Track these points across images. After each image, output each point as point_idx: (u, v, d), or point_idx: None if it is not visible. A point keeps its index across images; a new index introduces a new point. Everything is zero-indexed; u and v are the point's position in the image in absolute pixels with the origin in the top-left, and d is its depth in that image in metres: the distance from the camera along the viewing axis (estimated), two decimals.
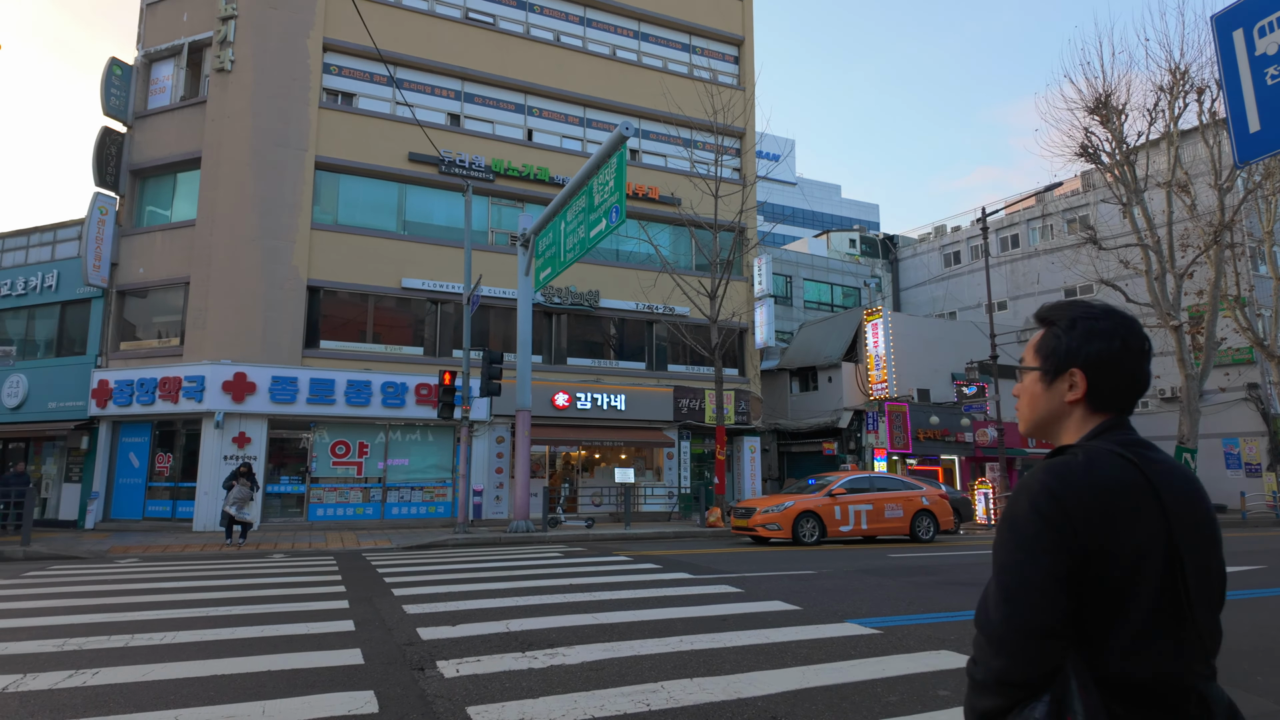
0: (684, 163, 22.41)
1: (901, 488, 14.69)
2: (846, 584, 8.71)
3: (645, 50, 24.01)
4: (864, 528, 13.91)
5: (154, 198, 20.03)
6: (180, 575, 9.44)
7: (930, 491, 14.79)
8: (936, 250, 39.76)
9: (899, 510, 14.12)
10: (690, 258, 23.56)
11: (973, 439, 24.54)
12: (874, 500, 14.06)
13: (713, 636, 5.67)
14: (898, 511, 14.10)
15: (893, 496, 14.27)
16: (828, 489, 14.05)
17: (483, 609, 6.81)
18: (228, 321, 17.91)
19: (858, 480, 14.66)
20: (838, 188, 71.90)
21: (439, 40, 20.95)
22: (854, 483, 14.45)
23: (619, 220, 11.70)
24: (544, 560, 11.15)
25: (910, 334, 25.57)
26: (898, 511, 14.10)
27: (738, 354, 23.87)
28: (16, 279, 20.57)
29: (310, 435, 18.46)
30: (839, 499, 13.80)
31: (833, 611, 6.85)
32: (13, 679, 4.44)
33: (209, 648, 5.28)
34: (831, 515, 13.64)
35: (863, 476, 15.03)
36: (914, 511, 14.25)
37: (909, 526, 14.19)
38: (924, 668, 4.90)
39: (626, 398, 21.19)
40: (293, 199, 18.82)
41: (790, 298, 32.59)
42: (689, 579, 8.93)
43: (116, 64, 19.37)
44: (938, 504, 14.59)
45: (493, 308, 20.40)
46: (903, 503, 14.22)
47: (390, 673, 4.68)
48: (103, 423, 18.47)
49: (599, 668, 4.80)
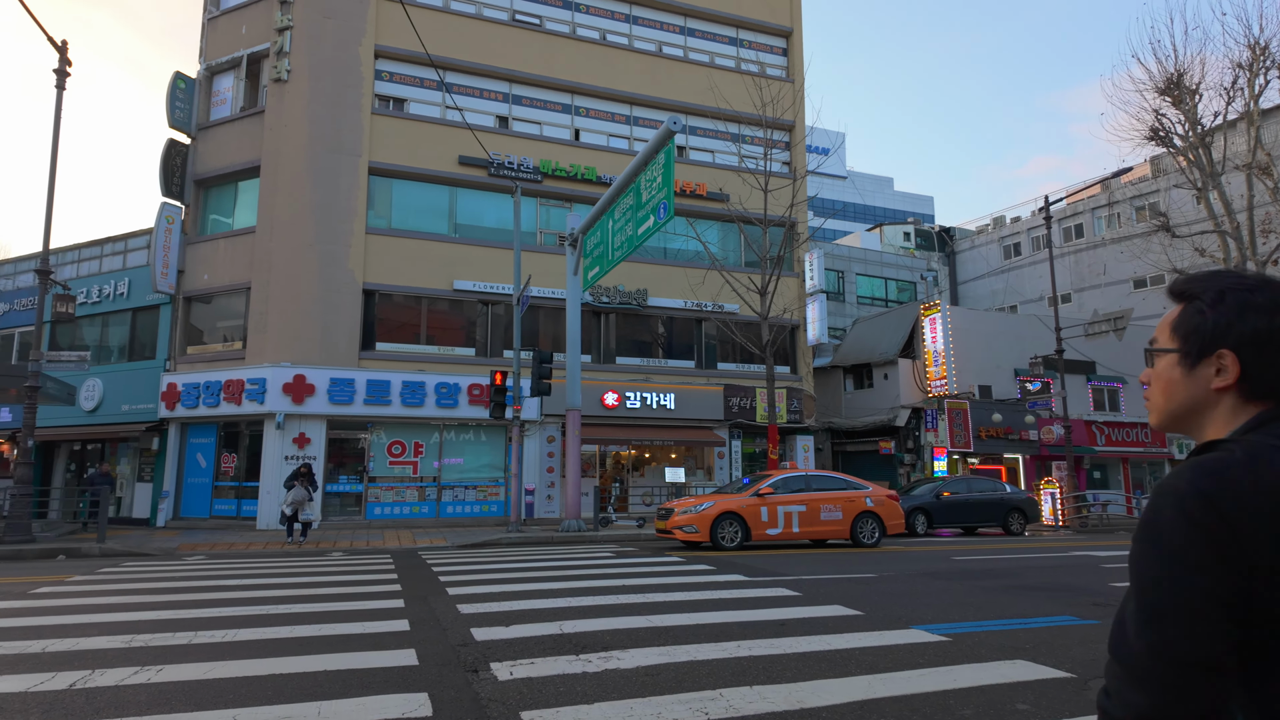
0: (732, 158, 22.13)
1: (843, 487, 13.56)
2: (909, 588, 8.39)
3: (691, 45, 23.80)
4: (795, 531, 12.86)
5: (217, 206, 20.71)
6: (243, 573, 9.66)
7: (876, 492, 13.69)
8: (995, 242, 38.49)
9: (837, 512, 13.08)
10: (739, 254, 23.26)
11: (1037, 437, 23.62)
12: (808, 501, 13.00)
13: (772, 642, 5.48)
14: (835, 514, 13.07)
15: (831, 497, 13.21)
16: (755, 488, 13.10)
17: (536, 609, 6.74)
18: (287, 325, 18.38)
19: (792, 479, 13.56)
20: (890, 180, 70.32)
21: (486, 43, 21.13)
22: (787, 482, 13.38)
23: (667, 216, 11.55)
24: (596, 560, 11.07)
25: (970, 328, 24.75)
26: (835, 514, 13.07)
27: (789, 351, 23.47)
28: (92, 287, 21.52)
29: (367, 435, 18.82)
30: (767, 499, 12.80)
31: (897, 617, 6.57)
32: (81, 675, 4.53)
33: (268, 646, 5.33)
34: (756, 517, 12.66)
35: (799, 475, 13.79)
36: (855, 514, 13.20)
37: (849, 530, 13.15)
38: (998, 678, 4.62)
39: (676, 396, 21.03)
40: (348, 204, 19.22)
41: (843, 293, 31.96)
42: (744, 581, 8.72)
43: (180, 78, 20.09)
44: (884, 505, 13.48)
45: (542, 308, 20.48)
46: (842, 504, 13.17)
47: (444, 674, 4.63)
48: (172, 424, 19.17)
49: (655, 673, 4.66)
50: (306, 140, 19.09)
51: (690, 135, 23.10)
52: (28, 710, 3.90)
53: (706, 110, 21.93)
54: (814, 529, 12.97)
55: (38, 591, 7.96)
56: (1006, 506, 18.13)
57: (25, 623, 6.19)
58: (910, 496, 17.77)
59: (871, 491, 13.58)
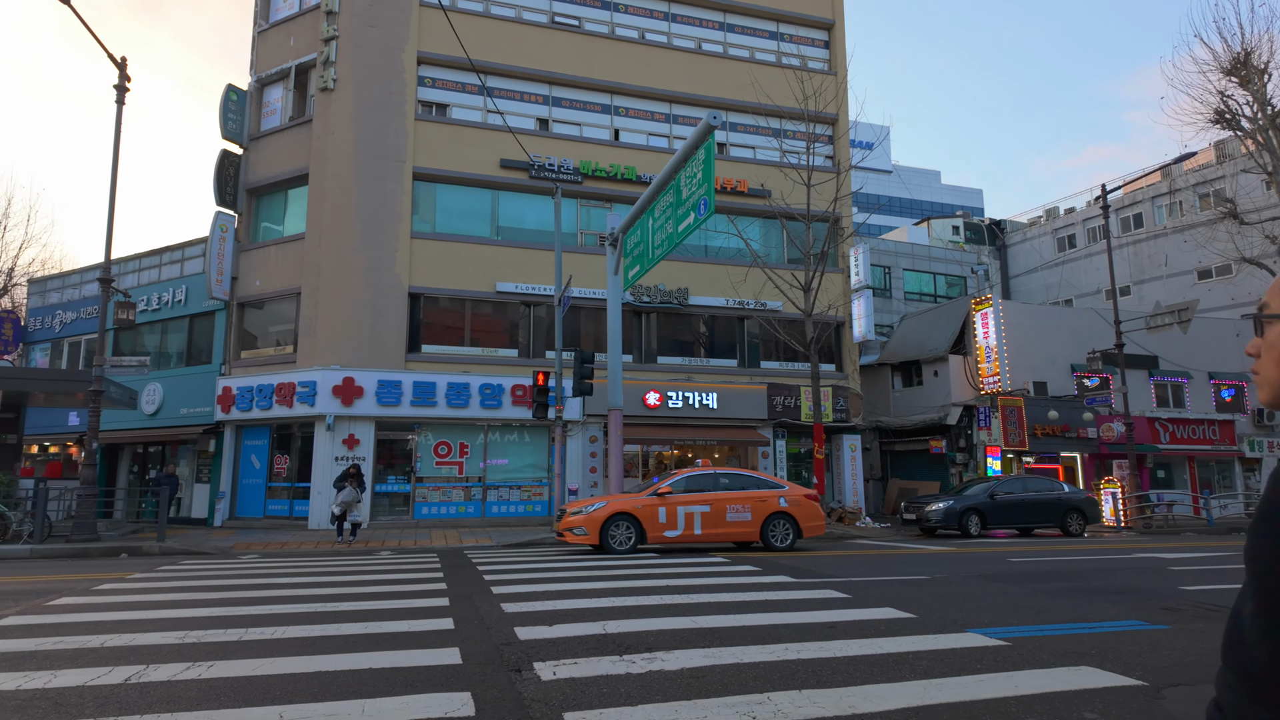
0: (773, 153, 21.84)
1: (755, 486, 12.75)
2: (965, 590, 8.10)
3: (731, 41, 23.59)
4: (697, 533, 12.10)
5: (268, 214, 21.27)
6: (294, 571, 9.84)
7: (793, 492, 12.81)
8: (1049, 234, 37.30)
9: (745, 513, 12.28)
10: (782, 250, 22.95)
11: (1096, 435, 22.75)
12: (713, 501, 12.23)
13: (820, 645, 5.32)
14: (744, 514, 12.27)
15: (739, 497, 12.39)
16: (655, 488, 12.40)
17: (579, 609, 6.69)
18: (336, 329, 18.75)
19: (700, 477, 12.76)
20: (937, 173, 68.78)
21: (526, 46, 21.27)
22: (692, 481, 12.60)
23: (707, 213, 11.40)
24: (639, 560, 10.99)
25: (1023, 323, 23.98)
26: (744, 514, 12.27)
27: (834, 349, 23.05)
28: (151, 295, 22.32)
29: (414, 436, 19.10)
30: (667, 499, 12.05)
31: (952, 620, 6.33)
32: (136, 670, 4.63)
33: (316, 643, 5.38)
34: (653, 518, 11.91)
35: (707, 473, 12.94)
36: (766, 514, 12.37)
37: (759, 532, 12.34)
38: (1063, 685, 4.39)
39: (718, 396, 20.83)
40: (393, 209, 19.53)
41: (889, 289, 31.31)
42: (791, 582, 8.54)
43: (232, 90, 20.68)
44: (801, 506, 12.63)
45: (583, 308, 20.52)
46: (752, 504, 12.36)
47: (487, 674, 4.60)
48: (227, 427, 19.74)
49: (700, 675, 4.55)
50: (353, 147, 19.46)
51: (730, 132, 22.89)
52: (84, 704, 3.98)
53: (747, 106, 21.69)
54: (719, 531, 12.19)
55: (100, 588, 8.22)
56: (1065, 506, 17.48)
57: (87, 618, 6.38)
58: (963, 496, 17.29)
59: (787, 491, 12.73)
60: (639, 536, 11.84)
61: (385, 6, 20.14)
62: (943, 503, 17.05)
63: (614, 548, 11.71)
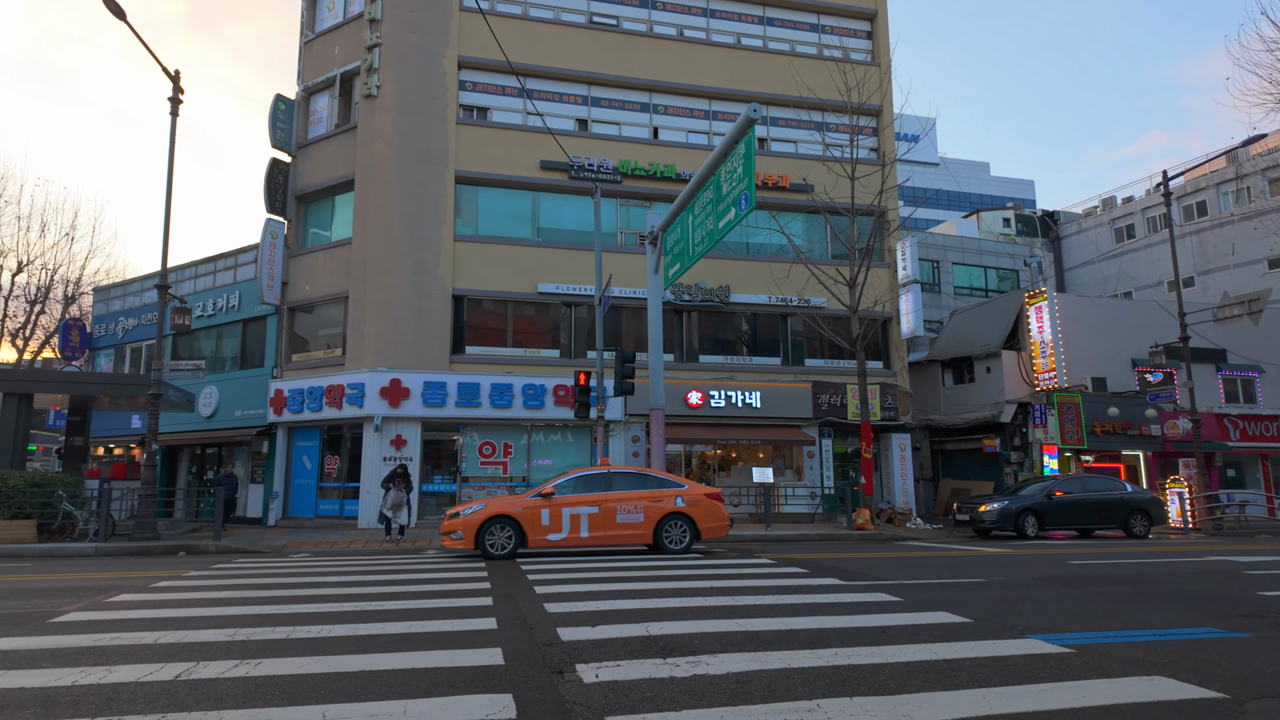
0: (816, 147, 21.47)
1: (650, 486, 12.09)
2: (1023, 594, 7.77)
3: (771, 35, 23.28)
4: (583, 536, 11.52)
5: (316, 220, 21.75)
6: (343, 570, 9.98)
7: (692, 491, 12.15)
8: (1105, 225, 35.96)
9: (638, 514, 11.67)
10: (826, 246, 22.56)
11: (1160, 432, 21.81)
12: (601, 501, 11.66)
13: (872, 650, 5.12)
14: (635, 516, 11.66)
15: (630, 497, 11.76)
16: (540, 489, 11.89)
17: (622, 610, 6.60)
18: (382, 331, 19.06)
19: (592, 477, 12.16)
20: (986, 165, 67.07)
21: (565, 47, 21.33)
22: (582, 481, 12.02)
23: (748, 208, 11.22)
24: (683, 561, 10.86)
25: (1080, 317, 23.12)
26: (635, 516, 11.66)
27: (881, 345, 22.56)
28: (207, 301, 23.03)
29: (459, 437, 19.29)
30: (552, 500, 11.54)
31: (1010, 625, 6.06)
32: (186, 666, 4.69)
33: (360, 642, 5.40)
34: (535, 520, 11.38)
35: (599, 473, 12.28)
36: (661, 515, 11.74)
37: (652, 534, 11.71)
38: (1135, 697, 4.12)
39: (762, 394, 20.56)
40: (436, 213, 19.77)
41: (938, 284, 30.54)
42: (839, 585, 8.32)
43: (280, 100, 21.20)
44: (700, 506, 11.98)
45: (624, 308, 20.47)
46: (645, 504, 11.74)
47: (529, 675, 4.53)
48: (279, 429, 20.23)
49: (746, 680, 4.41)
50: (396, 153, 19.76)
51: (771, 126, 22.59)
52: (135, 701, 4.04)
53: (788, 100, 21.37)
54: (608, 533, 11.60)
55: (157, 585, 8.44)
56: (1128, 507, 16.77)
57: (143, 614, 6.53)
58: (1018, 496, 16.72)
59: (686, 490, 12.11)
60: (519, 540, 11.33)
61: (426, 12, 20.41)
62: (997, 503, 16.52)
63: (492, 553, 11.19)
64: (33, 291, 28.04)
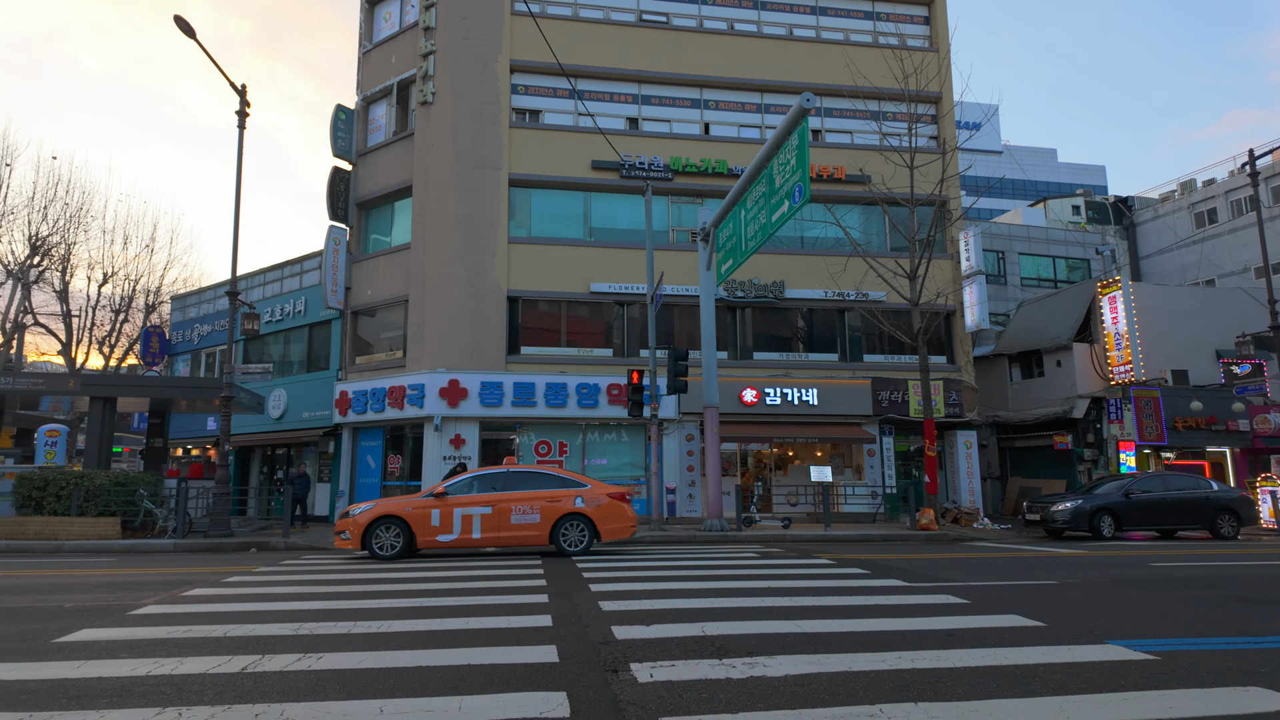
0: (872, 137, 20.97)
1: (550, 486, 11.79)
2: (1101, 597, 7.38)
3: (824, 25, 22.83)
4: (475, 536, 11.31)
5: (376, 226, 22.32)
6: (403, 566, 10.18)
7: (594, 491, 11.80)
8: (1184, 209, 34.08)
9: (534, 515, 11.41)
10: (884, 238, 22.01)
11: (1249, 427, 20.54)
12: (495, 502, 11.40)
13: (938, 654, 4.92)
14: (531, 516, 11.40)
15: (526, 497, 11.50)
16: (433, 488, 11.74)
17: (677, 609, 6.53)
18: (441, 333, 19.43)
19: (490, 476, 11.93)
20: (1053, 152, 64.51)
21: (615, 46, 21.35)
22: (478, 481, 11.80)
23: (802, 200, 11.00)
24: (739, 560, 10.72)
25: (1158, 306, 21.96)
26: (531, 516, 11.40)
27: (945, 339, 21.88)
28: (275, 306, 23.90)
29: (516, 436, 19.53)
30: (445, 501, 11.33)
31: (1088, 630, 5.74)
32: (252, 659, 4.82)
33: (418, 638, 5.46)
34: (424, 521, 11.17)
35: (497, 473, 12.01)
36: (558, 516, 11.46)
37: (549, 535, 11.46)
38: (1228, 708, 3.84)
39: (819, 392, 20.18)
40: (491, 216, 20.05)
41: (1004, 275, 29.45)
42: (903, 586, 8.06)
43: (341, 110, 21.84)
44: (602, 507, 11.63)
45: (676, 306, 20.38)
46: (542, 505, 11.47)
47: (583, 673, 4.50)
48: (345, 429, 20.84)
49: (805, 683, 4.28)
50: (451, 158, 20.11)
51: (825, 117, 22.16)
52: (203, 692, 4.16)
53: (843, 90, 20.90)
54: (501, 534, 11.38)
55: (228, 580, 8.76)
56: (1214, 506, 15.84)
57: (214, 608, 6.77)
58: (1093, 495, 15.97)
59: (588, 490, 11.77)
60: (408, 541, 11.19)
61: (479, 19, 20.71)
62: (1070, 502, 15.81)
63: (379, 553, 11.10)
64: (117, 301, 29.60)
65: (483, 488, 11.65)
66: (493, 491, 11.59)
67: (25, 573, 9.56)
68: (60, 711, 3.80)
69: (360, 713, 3.79)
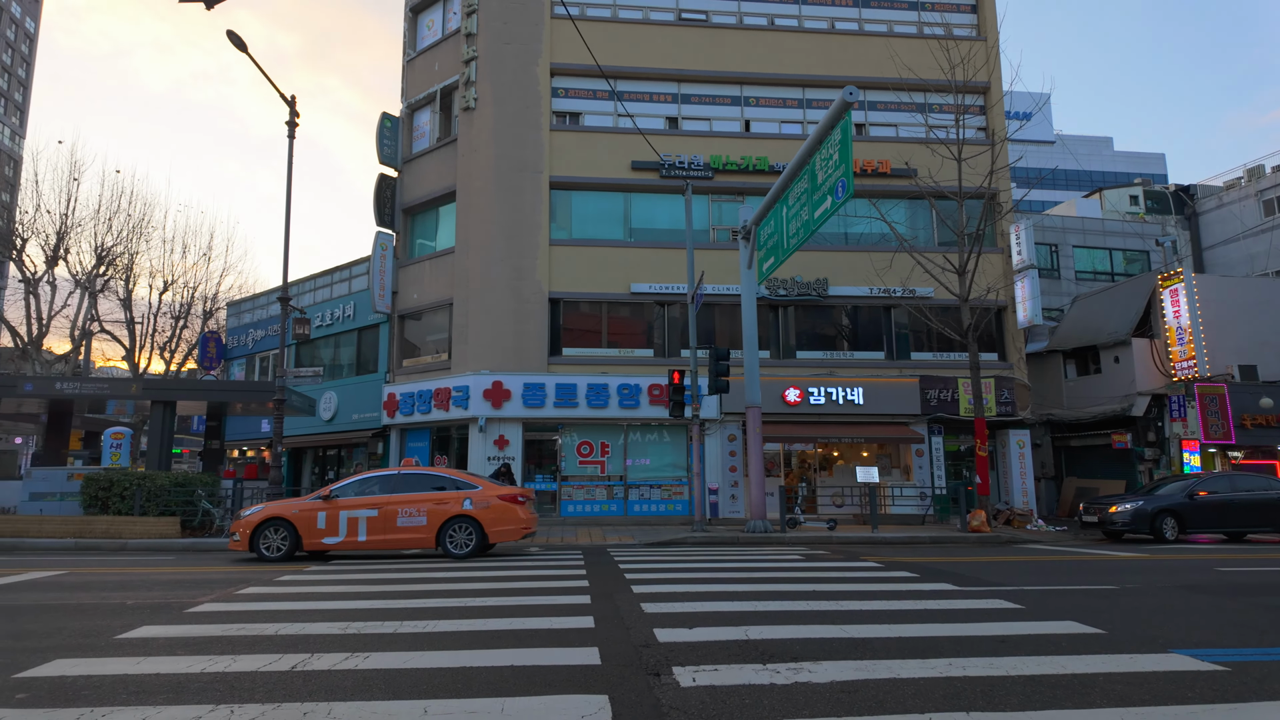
0: (918, 129, 20.52)
1: (448, 487, 11.69)
2: (1163, 602, 7.08)
3: (867, 17, 22.43)
4: (361, 539, 11.27)
5: (422, 231, 22.70)
6: (449, 566, 10.32)
7: (485, 493, 11.59)
8: (1251, 197, 32.53)
9: (420, 517, 11.33)
10: (931, 232, 21.52)
11: None
12: (382, 504, 11.35)
13: (990, 661, 4.76)
14: (418, 519, 11.32)
15: (413, 499, 11.41)
16: (321, 490, 11.67)
17: (720, 612, 6.46)
18: (484, 335, 19.67)
19: (375, 479, 11.87)
20: (1108, 140, 62.36)
21: (654, 46, 21.33)
22: (367, 483, 11.75)
23: (846, 195, 10.80)
24: (784, 562, 10.58)
25: (1224, 299, 21.00)
26: (418, 519, 11.32)
27: (995, 336, 21.29)
28: (325, 311, 24.50)
29: (559, 437, 19.65)
30: (332, 503, 11.34)
31: (1150, 638, 5.50)
32: (302, 658, 4.92)
33: (462, 638, 5.51)
34: (310, 523, 11.17)
35: (388, 475, 11.95)
36: (445, 518, 11.33)
37: (434, 537, 11.35)
38: None
39: (864, 390, 19.82)
40: (532, 219, 20.22)
41: (1057, 269, 28.54)
42: (953, 590, 7.84)
43: (386, 118, 22.27)
44: (491, 509, 11.47)
45: (717, 305, 20.25)
46: (429, 507, 11.36)
47: (625, 676, 4.48)
48: (393, 430, 21.24)
49: (851, 689, 4.19)
50: (494, 162, 20.34)
51: (869, 111, 21.77)
52: (255, 689, 4.26)
53: (887, 82, 20.50)
54: (387, 537, 11.32)
55: (281, 579, 8.99)
56: None
57: (266, 606, 6.95)
58: (1155, 496, 15.34)
59: (478, 493, 11.60)
60: (294, 543, 11.21)
61: (519, 24, 20.91)
62: (1131, 503, 15.21)
63: (266, 555, 11.14)
64: (177, 308, 30.74)
65: (372, 490, 11.70)
66: (380, 494, 11.62)
67: (93, 570, 9.97)
68: (120, 707, 3.93)
69: (405, 713, 3.84)
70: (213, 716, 3.78)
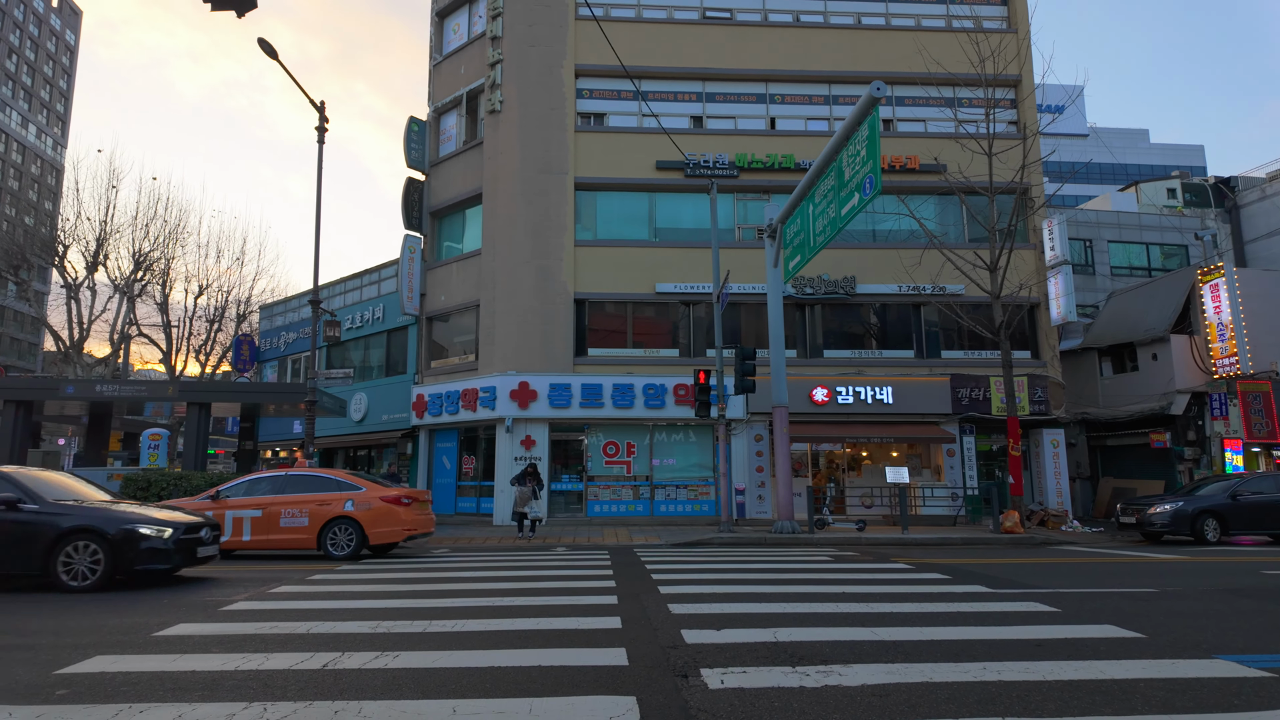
0: (947, 124, 20.21)
1: (323, 489, 11.71)
2: (1205, 606, 6.88)
3: (893, 11, 22.17)
4: (245, 539, 11.44)
5: (449, 233, 22.91)
6: (477, 566, 10.39)
7: (368, 495, 11.62)
8: None
9: (302, 519, 11.42)
10: (961, 229, 21.19)
11: None
12: (266, 505, 11.47)
13: (1026, 665, 4.66)
14: (300, 520, 11.41)
15: (296, 500, 11.52)
16: (210, 491, 11.80)
17: (748, 613, 6.41)
18: (511, 337, 19.78)
19: (263, 480, 12.03)
20: (1144, 133, 60.98)
21: (679, 45, 21.29)
22: (254, 484, 11.91)
23: (873, 192, 10.67)
24: (812, 564, 10.49)
25: (1267, 294, 20.39)
26: (300, 520, 11.41)
27: (1028, 333, 20.91)
28: (355, 314, 24.83)
29: (585, 437, 19.69)
30: (219, 503, 11.50)
31: (1193, 643, 5.34)
32: (332, 656, 4.98)
33: (490, 638, 5.53)
34: None
35: (275, 476, 12.11)
36: (326, 520, 11.41)
37: (315, 538, 11.43)
38: None
39: (894, 390, 19.58)
40: (558, 220, 20.29)
41: (1091, 264, 27.93)
42: (986, 593, 7.70)
43: (414, 122, 22.51)
44: (373, 510, 11.49)
45: (743, 304, 20.15)
46: (311, 508, 11.45)
47: (653, 678, 4.46)
48: (421, 431, 21.47)
49: (882, 693, 4.12)
50: (519, 164, 20.45)
51: (897, 106, 21.50)
52: (287, 687, 4.32)
53: (915, 77, 20.23)
54: (270, 537, 11.46)
55: (312, 578, 9.12)
56: None
57: (298, 605, 7.05)
58: (1195, 497, 14.94)
59: (361, 494, 11.64)
60: None
61: (544, 26, 20.99)
62: (1170, 504, 14.83)
63: None
64: (211, 311, 31.39)
65: (260, 491, 11.88)
66: (265, 494, 11.80)
67: None
68: (157, 703, 4.00)
69: (434, 712, 3.85)
70: (246, 714, 3.83)
